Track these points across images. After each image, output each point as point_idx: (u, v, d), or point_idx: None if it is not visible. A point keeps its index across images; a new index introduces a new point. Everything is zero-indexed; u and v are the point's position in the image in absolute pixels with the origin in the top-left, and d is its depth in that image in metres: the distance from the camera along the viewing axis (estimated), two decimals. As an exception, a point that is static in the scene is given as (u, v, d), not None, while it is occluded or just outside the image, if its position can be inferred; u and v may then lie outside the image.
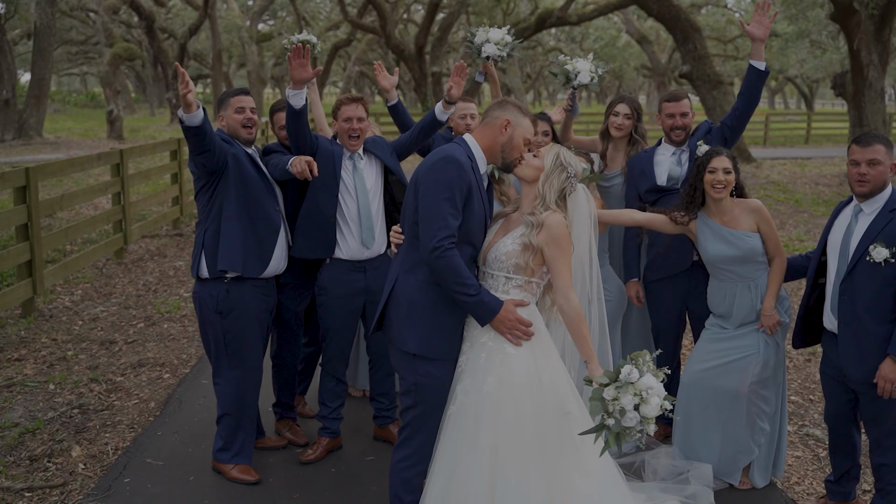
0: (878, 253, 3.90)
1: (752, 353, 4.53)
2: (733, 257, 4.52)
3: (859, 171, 4.00)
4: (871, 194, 4.02)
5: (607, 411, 3.20)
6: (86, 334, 7.51)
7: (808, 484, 4.89)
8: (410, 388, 3.64)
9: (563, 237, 3.55)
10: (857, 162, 4.02)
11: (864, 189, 4.02)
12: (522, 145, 3.71)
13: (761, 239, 4.54)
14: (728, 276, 4.59)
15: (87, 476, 4.80)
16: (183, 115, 4.25)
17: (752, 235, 4.52)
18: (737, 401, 4.55)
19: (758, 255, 4.53)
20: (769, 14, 4.78)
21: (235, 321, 4.61)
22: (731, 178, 4.51)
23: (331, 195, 4.78)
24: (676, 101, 5.09)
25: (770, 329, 4.52)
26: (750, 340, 4.56)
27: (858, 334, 4.00)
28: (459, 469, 3.48)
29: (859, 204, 4.09)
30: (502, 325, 3.52)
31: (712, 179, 4.50)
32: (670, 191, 5.03)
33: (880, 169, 3.97)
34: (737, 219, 4.56)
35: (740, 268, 4.55)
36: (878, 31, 19.09)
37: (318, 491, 4.63)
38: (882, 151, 3.97)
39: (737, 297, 4.58)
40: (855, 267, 3.98)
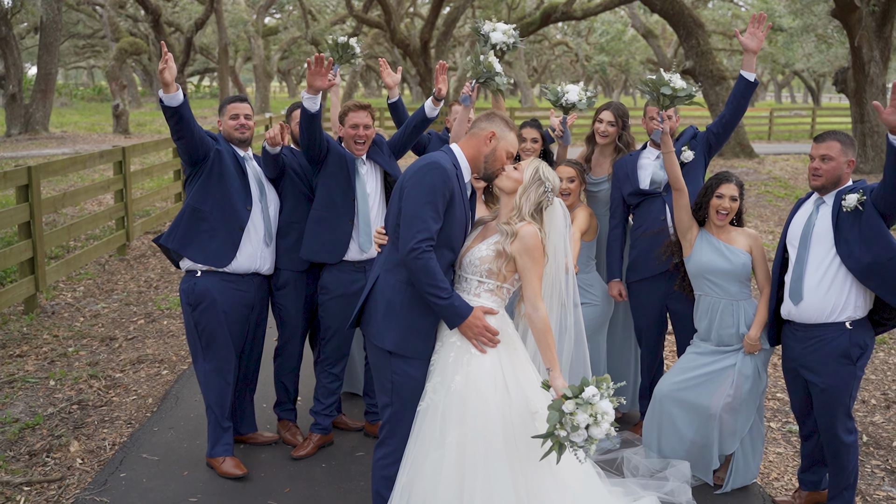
0: (849, 200, 4.10)
1: (729, 371, 4.66)
2: (723, 270, 4.66)
3: (813, 166, 4.23)
4: (826, 188, 4.23)
5: (561, 423, 3.35)
6: (87, 331, 7.66)
7: (786, 480, 5.01)
8: (387, 385, 3.77)
9: (536, 248, 3.68)
10: (812, 157, 4.26)
11: (816, 183, 4.23)
12: (505, 157, 3.84)
13: (752, 264, 4.68)
14: (713, 289, 4.72)
15: (84, 471, 4.94)
16: (162, 95, 4.43)
17: (745, 254, 4.67)
18: (708, 418, 4.66)
19: (745, 275, 4.68)
20: (763, 27, 4.89)
21: (203, 313, 4.79)
22: (735, 206, 4.69)
23: (347, 198, 4.96)
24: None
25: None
26: (729, 361, 4.69)
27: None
28: (426, 464, 3.61)
29: (821, 197, 4.28)
30: (469, 331, 3.65)
31: (718, 205, 4.67)
32: (652, 194, 5.15)
33: (832, 164, 4.17)
34: (733, 238, 4.73)
35: (727, 283, 4.68)
36: (879, 27, 19.12)
37: (309, 485, 4.77)
38: (836, 148, 4.18)
39: (718, 315, 4.71)
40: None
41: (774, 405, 6.14)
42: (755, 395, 4.69)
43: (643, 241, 5.13)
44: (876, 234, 4.05)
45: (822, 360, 4.23)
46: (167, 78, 4.35)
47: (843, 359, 4.19)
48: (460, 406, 3.61)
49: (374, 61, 50.89)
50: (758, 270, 4.70)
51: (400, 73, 5.51)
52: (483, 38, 5.31)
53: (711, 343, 4.76)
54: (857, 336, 4.19)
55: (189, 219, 4.78)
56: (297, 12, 49.02)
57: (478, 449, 3.58)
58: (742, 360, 4.66)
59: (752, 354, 4.66)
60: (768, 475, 5.06)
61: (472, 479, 3.56)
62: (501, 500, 3.52)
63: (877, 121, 19.76)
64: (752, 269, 4.72)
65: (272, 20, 53.51)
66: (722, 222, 4.68)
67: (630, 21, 46.27)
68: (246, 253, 4.86)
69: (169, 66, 4.33)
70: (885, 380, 6.70)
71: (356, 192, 4.95)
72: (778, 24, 39.15)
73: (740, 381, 4.64)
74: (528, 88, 52.95)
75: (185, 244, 4.78)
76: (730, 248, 4.66)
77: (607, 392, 3.40)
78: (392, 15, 30.37)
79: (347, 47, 5.61)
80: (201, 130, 4.68)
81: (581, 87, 5.46)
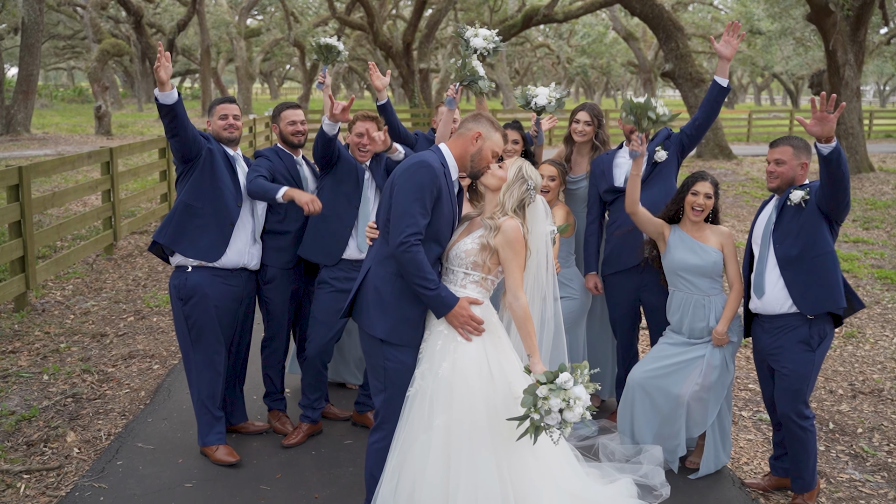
0: (794, 196, 4.44)
1: (698, 361, 4.92)
2: (695, 266, 4.90)
3: (769, 170, 4.55)
4: (782, 189, 4.53)
5: (535, 406, 3.57)
6: (77, 328, 7.81)
7: (756, 464, 5.25)
8: (380, 372, 3.98)
9: (517, 241, 3.90)
10: (768, 161, 4.58)
11: (773, 185, 4.54)
12: (490, 157, 4.05)
13: (724, 261, 4.93)
14: (686, 286, 4.97)
15: (81, 459, 5.11)
16: (157, 94, 4.64)
17: (717, 252, 4.91)
18: (677, 405, 4.91)
19: (717, 272, 4.93)
20: (737, 35, 5.13)
21: (195, 307, 4.97)
22: (710, 203, 4.93)
23: (351, 206, 5.19)
24: None
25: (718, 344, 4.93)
26: (699, 352, 4.94)
27: (795, 266, 4.50)
28: (415, 446, 3.83)
29: (782, 196, 4.55)
30: (456, 320, 3.87)
31: (693, 201, 4.91)
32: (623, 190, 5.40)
33: (786, 167, 4.49)
34: (706, 236, 4.97)
35: (699, 279, 4.93)
36: (853, 31, 19.49)
37: (299, 471, 4.96)
38: (788, 152, 4.51)
39: (690, 310, 4.96)
40: (781, 216, 4.53)
41: (746, 395, 6.39)
42: (723, 385, 4.93)
43: (617, 237, 5.37)
44: (810, 230, 4.40)
45: (785, 347, 4.51)
46: (163, 77, 4.56)
47: (803, 345, 4.47)
48: (447, 391, 3.82)
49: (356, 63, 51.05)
50: (728, 267, 4.94)
51: (389, 76, 5.71)
52: (465, 43, 5.53)
53: (683, 335, 5.00)
54: (816, 325, 4.48)
55: (181, 215, 4.96)
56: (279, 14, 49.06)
57: (463, 431, 3.78)
58: (711, 352, 4.91)
59: (721, 346, 4.90)
60: (739, 460, 5.30)
61: (458, 459, 3.77)
62: (485, 479, 3.74)
63: (851, 123, 20.13)
64: (724, 265, 4.96)
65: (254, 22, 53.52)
66: (697, 218, 4.91)
67: (611, 24, 46.62)
68: (235, 248, 5.05)
69: (164, 66, 4.53)
70: (853, 371, 6.96)
71: (360, 200, 5.17)
72: (756, 28, 39.66)
73: (708, 371, 4.88)
74: (510, 90, 53.20)
75: (176, 239, 4.96)
76: (702, 246, 4.90)
77: (582, 378, 3.62)
78: (374, 17, 30.54)
79: (331, 48, 5.83)
80: (194, 129, 4.87)
81: (551, 88, 5.70)
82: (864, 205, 16.04)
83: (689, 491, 4.81)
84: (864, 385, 6.64)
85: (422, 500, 3.77)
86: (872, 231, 13.50)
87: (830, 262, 4.42)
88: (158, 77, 4.56)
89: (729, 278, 4.97)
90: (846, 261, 10.98)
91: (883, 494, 4.90)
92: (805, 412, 4.54)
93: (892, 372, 6.94)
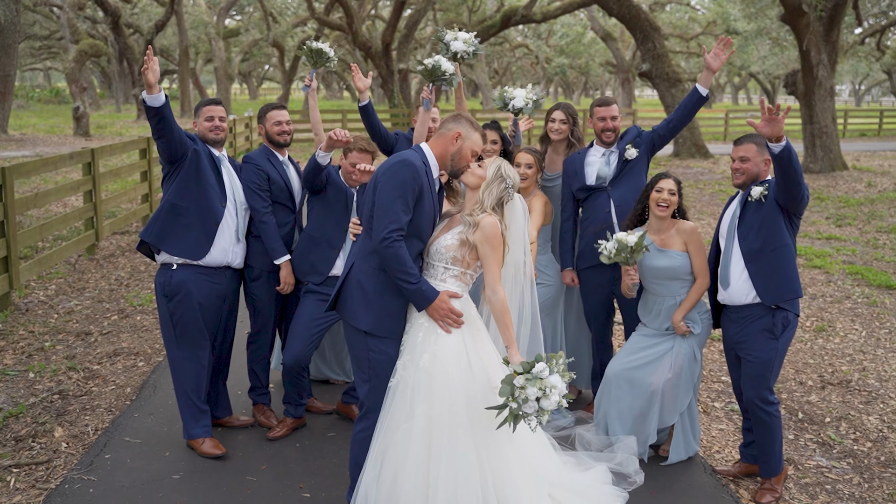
0: (755, 191, 4.67)
1: (668, 354, 5.12)
2: (661, 270, 5.08)
3: (734, 167, 4.76)
4: (747, 185, 4.75)
5: (512, 395, 3.73)
6: (62, 326, 7.88)
7: (727, 452, 5.43)
8: (364, 363, 4.12)
9: (495, 237, 4.05)
10: (733, 159, 4.79)
11: (738, 181, 4.77)
12: (470, 156, 4.20)
13: (689, 258, 5.11)
14: (657, 289, 5.17)
15: (70, 453, 5.20)
16: (145, 96, 4.76)
17: (679, 255, 5.09)
18: (651, 394, 5.10)
19: (683, 273, 5.10)
20: (727, 51, 5.33)
21: (179, 304, 5.09)
22: (674, 200, 5.10)
23: (339, 229, 5.34)
24: (607, 106, 5.62)
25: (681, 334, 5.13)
26: (667, 344, 5.14)
27: (759, 256, 4.72)
28: (397, 435, 3.97)
29: (745, 192, 4.77)
30: (436, 313, 4.02)
31: (658, 198, 5.09)
32: (598, 188, 5.56)
33: (750, 164, 4.72)
34: (671, 238, 5.13)
35: (667, 283, 5.12)
36: (826, 31, 19.80)
37: (284, 463, 5.09)
38: (752, 150, 4.74)
39: (663, 309, 5.16)
40: (744, 210, 4.75)
41: (719, 387, 6.58)
42: (692, 375, 5.13)
43: (591, 234, 5.55)
44: (770, 225, 4.61)
45: (751, 335, 4.72)
46: (150, 79, 4.67)
47: (767, 333, 4.68)
48: (428, 381, 3.97)
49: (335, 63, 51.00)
50: (694, 262, 5.10)
51: (370, 78, 5.84)
52: (444, 46, 5.68)
53: (654, 330, 5.19)
54: (780, 314, 4.69)
55: (167, 214, 5.07)
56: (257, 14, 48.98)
57: (443, 420, 3.93)
58: (680, 343, 5.10)
59: (689, 338, 5.09)
60: (710, 448, 5.48)
61: (439, 447, 3.91)
62: (464, 466, 3.89)
63: (825, 122, 20.46)
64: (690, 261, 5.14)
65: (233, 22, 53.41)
66: (663, 213, 5.08)
67: (589, 24, 46.95)
68: (219, 247, 5.17)
69: (152, 68, 4.65)
70: (822, 363, 7.17)
71: (349, 222, 5.27)
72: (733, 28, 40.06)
73: (679, 362, 5.07)
74: (489, 91, 53.45)
75: (162, 238, 5.07)
76: (666, 252, 5.08)
77: (557, 368, 3.78)
78: (354, 17, 30.63)
79: (322, 53, 5.97)
80: (181, 130, 4.99)
81: (528, 90, 5.88)
82: (837, 202, 16.34)
83: (662, 478, 4.98)
84: (833, 377, 6.84)
85: (404, 486, 3.91)
86: (845, 228, 13.76)
87: (788, 253, 4.65)
88: (146, 80, 4.67)
89: (694, 271, 5.13)
90: (819, 257, 11.22)
91: (848, 479, 5.09)
92: (769, 398, 4.73)
93: (860, 364, 7.15)
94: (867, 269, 10.45)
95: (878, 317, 8.53)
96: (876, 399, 6.37)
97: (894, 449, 5.51)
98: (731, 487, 4.94)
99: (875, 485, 5.03)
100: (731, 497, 4.79)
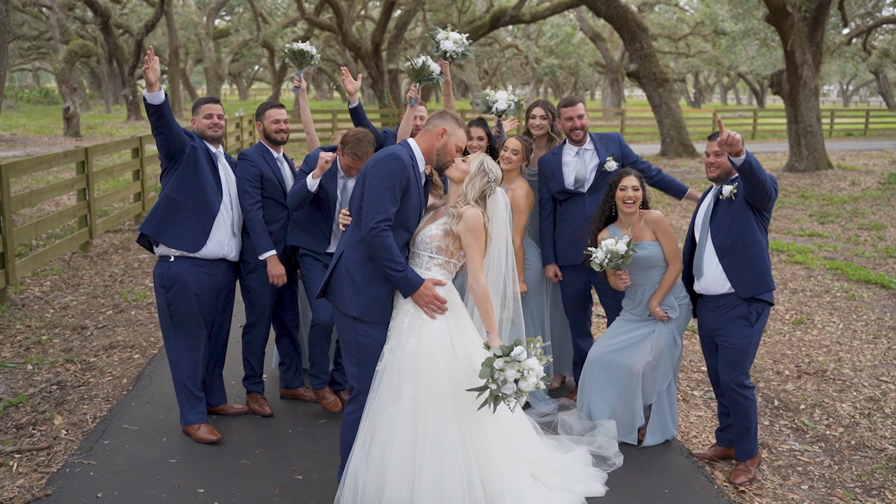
0: (725, 190, 4.87)
1: (648, 337, 5.33)
2: (638, 262, 5.28)
3: (709, 161, 4.96)
4: (720, 178, 4.95)
5: (492, 377, 3.93)
6: (58, 321, 8.04)
7: (704, 437, 5.65)
8: (353, 348, 4.33)
9: (478, 228, 4.26)
10: (707, 154, 4.99)
11: (713, 174, 4.96)
12: (454, 151, 4.41)
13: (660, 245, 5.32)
14: (636, 279, 5.39)
15: (70, 440, 5.38)
16: (146, 94, 4.99)
17: (651, 245, 5.30)
18: (632, 376, 5.32)
19: (658, 261, 5.31)
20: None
21: (176, 295, 5.29)
22: (638, 195, 5.31)
23: (327, 221, 5.60)
24: (573, 106, 5.83)
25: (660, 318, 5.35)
26: (648, 328, 5.35)
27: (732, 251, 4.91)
28: (385, 415, 4.18)
29: (718, 187, 4.97)
30: (421, 299, 4.22)
31: (623, 196, 5.30)
32: (576, 194, 5.82)
33: (723, 158, 4.91)
34: (641, 231, 5.35)
35: (645, 272, 5.33)
36: (810, 32, 20.07)
37: (278, 447, 5.28)
38: None
39: (645, 298, 5.38)
40: (716, 206, 4.95)
41: (699, 377, 6.79)
42: (671, 357, 5.34)
43: (568, 235, 5.83)
44: (740, 222, 4.83)
45: (727, 323, 4.93)
46: (151, 78, 4.87)
47: (742, 320, 4.89)
48: (414, 365, 4.17)
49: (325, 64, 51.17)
50: (664, 248, 5.31)
51: (360, 80, 6.03)
52: (436, 44, 5.89)
53: (636, 317, 5.40)
54: (755, 303, 4.90)
55: (165, 208, 5.26)
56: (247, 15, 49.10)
57: (429, 402, 4.13)
58: (660, 327, 5.31)
59: (669, 323, 5.30)
60: (688, 433, 5.69)
61: (424, 427, 4.12)
62: (449, 445, 4.09)
63: (809, 122, 20.74)
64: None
65: (223, 23, 53.51)
66: (630, 210, 5.30)
67: (578, 24, 47.23)
68: (215, 240, 5.36)
69: (153, 68, 4.85)
70: (800, 354, 7.39)
71: (338, 202, 5.57)
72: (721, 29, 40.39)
73: (659, 345, 5.29)
74: (478, 90, 53.70)
75: (160, 231, 5.26)
76: (639, 244, 5.28)
77: (535, 351, 3.98)
78: (343, 18, 30.79)
79: (304, 53, 6.17)
80: (179, 127, 5.18)
81: (509, 92, 6.13)
82: (821, 200, 16.59)
83: (641, 460, 5.19)
84: (810, 366, 7.07)
85: (391, 464, 4.11)
86: (828, 225, 14.01)
87: (759, 249, 4.85)
88: (147, 78, 4.87)
89: (666, 257, 5.33)
90: (800, 253, 11.46)
91: (819, 462, 5.31)
92: (745, 382, 4.94)
93: (836, 355, 7.38)
94: (847, 265, 10.69)
95: (855, 310, 8.77)
96: (850, 387, 6.60)
97: (865, 434, 5.74)
98: (707, 469, 5.15)
99: (844, 467, 5.26)
100: (706, 478, 5.00)
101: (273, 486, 4.76)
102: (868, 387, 6.61)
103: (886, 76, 55.88)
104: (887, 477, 5.11)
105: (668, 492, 4.80)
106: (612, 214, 5.45)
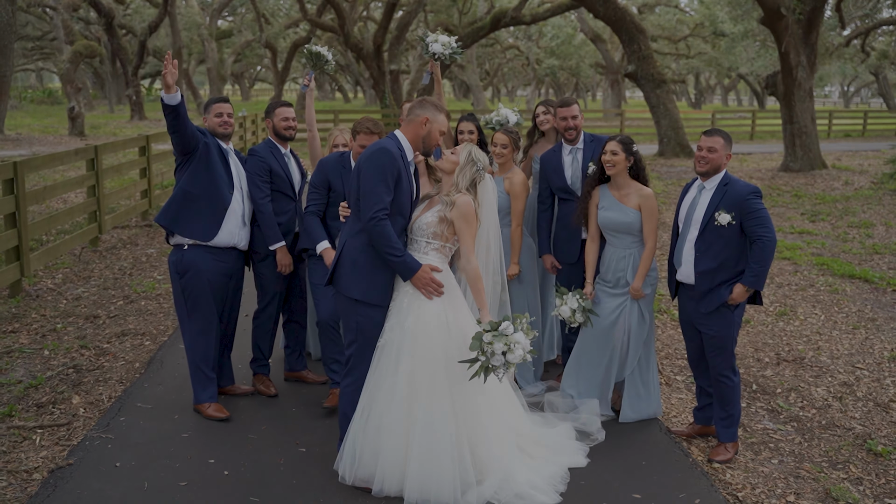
0: (722, 218, 5.09)
1: (624, 314, 5.69)
2: (616, 223, 5.64)
3: (700, 155, 5.20)
4: (709, 174, 5.21)
5: (482, 350, 4.29)
6: (71, 310, 8.41)
7: (683, 418, 6.00)
8: (352, 326, 4.69)
9: (469, 214, 4.63)
10: (700, 148, 5.24)
11: (702, 169, 5.21)
12: (438, 135, 4.79)
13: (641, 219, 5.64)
14: (611, 239, 5.73)
15: (87, 417, 5.75)
16: (163, 95, 5.39)
17: (634, 212, 5.62)
18: (612, 350, 5.71)
19: (635, 230, 5.64)
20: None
21: (190, 281, 5.68)
22: (617, 158, 5.58)
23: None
24: (568, 107, 6.18)
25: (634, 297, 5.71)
26: (619, 300, 5.69)
27: (711, 279, 5.18)
28: (383, 388, 4.56)
29: (702, 182, 5.27)
30: (419, 282, 4.59)
31: (604, 159, 5.64)
32: (574, 194, 6.15)
33: (716, 155, 5.16)
34: (629, 197, 5.67)
35: (620, 236, 5.67)
36: (805, 34, 20.38)
37: (283, 424, 5.65)
38: (720, 143, 5.18)
39: (614, 262, 5.72)
40: (705, 229, 5.17)
41: (682, 363, 7.14)
42: (642, 331, 5.73)
43: (562, 232, 6.19)
44: (731, 249, 5.11)
45: (709, 312, 5.22)
46: (169, 81, 5.26)
47: (723, 308, 5.19)
48: (412, 341, 4.54)
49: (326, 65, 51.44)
50: (644, 225, 5.65)
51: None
52: (424, 46, 6.29)
53: (608, 284, 5.74)
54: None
55: (180, 200, 5.63)
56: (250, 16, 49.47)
57: (424, 375, 4.50)
58: (630, 304, 5.69)
59: (637, 299, 5.68)
60: (668, 413, 6.05)
61: (419, 398, 4.49)
62: (440, 414, 4.45)
63: (805, 122, 21.05)
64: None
65: (225, 23, 53.88)
66: (610, 171, 5.61)
67: (579, 25, 47.54)
68: (227, 230, 5.73)
69: (171, 72, 5.24)
70: (781, 343, 7.74)
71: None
72: (720, 30, 40.71)
73: (630, 320, 5.68)
74: (480, 91, 54.05)
75: (175, 221, 5.63)
76: (621, 206, 5.63)
77: (521, 326, 4.34)
78: (345, 19, 31.16)
79: (321, 56, 6.57)
80: (193, 125, 5.55)
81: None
82: (813, 200, 16.90)
83: (621, 436, 5.55)
84: (789, 354, 7.42)
85: (387, 432, 4.49)
86: (818, 223, 14.31)
87: (738, 277, 5.14)
88: (165, 81, 5.27)
89: (644, 235, 5.68)
90: (789, 249, 11.79)
91: (791, 440, 5.66)
92: (733, 371, 5.29)
93: (815, 344, 7.72)
94: (833, 261, 11.02)
95: (837, 303, 9.11)
96: (825, 374, 6.94)
97: (836, 415, 6.09)
98: (684, 445, 5.50)
99: (814, 444, 5.61)
100: (682, 452, 5.35)
101: (279, 458, 5.11)
102: (843, 373, 6.95)
103: (886, 77, 56.17)
104: (853, 452, 5.46)
105: (646, 464, 5.16)
106: (605, 177, 5.75)
